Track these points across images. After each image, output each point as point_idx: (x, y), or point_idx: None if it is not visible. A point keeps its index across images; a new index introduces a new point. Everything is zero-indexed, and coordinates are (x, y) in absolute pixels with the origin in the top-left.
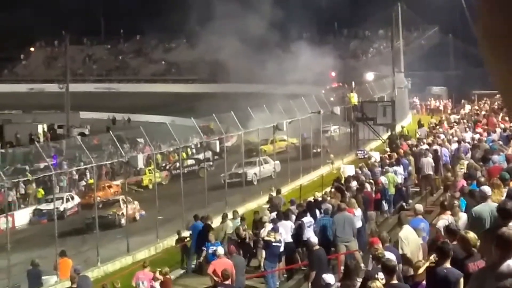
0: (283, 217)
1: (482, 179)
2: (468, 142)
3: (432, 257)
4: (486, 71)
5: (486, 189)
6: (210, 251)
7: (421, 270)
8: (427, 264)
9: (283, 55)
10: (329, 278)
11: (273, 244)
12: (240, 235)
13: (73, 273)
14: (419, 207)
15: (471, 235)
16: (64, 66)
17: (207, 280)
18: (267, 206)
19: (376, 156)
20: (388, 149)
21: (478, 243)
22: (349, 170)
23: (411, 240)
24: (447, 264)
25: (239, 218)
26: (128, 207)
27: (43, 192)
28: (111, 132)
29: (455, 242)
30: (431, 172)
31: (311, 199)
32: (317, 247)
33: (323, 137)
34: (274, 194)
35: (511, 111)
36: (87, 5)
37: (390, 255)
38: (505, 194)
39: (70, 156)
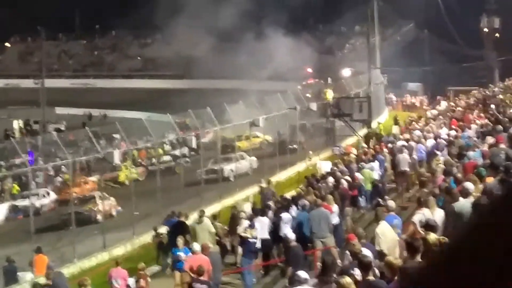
0: (260, 213)
1: (459, 175)
2: (444, 139)
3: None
4: (462, 67)
5: (469, 185)
6: (177, 257)
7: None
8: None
9: (259, 51)
10: (303, 274)
11: (250, 240)
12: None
13: (48, 269)
14: (392, 203)
15: (431, 236)
16: (40, 61)
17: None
18: (254, 197)
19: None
20: (365, 146)
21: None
22: (325, 166)
23: (388, 236)
24: (418, 258)
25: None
26: (104, 203)
27: (18, 188)
28: (87, 128)
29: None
30: (407, 168)
31: (288, 195)
32: (294, 243)
33: (299, 133)
34: (264, 185)
35: None
36: (62, 0)
37: (366, 251)
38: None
39: (46, 152)
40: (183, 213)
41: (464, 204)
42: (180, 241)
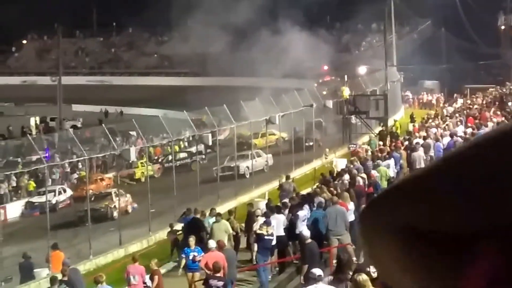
0: (276, 211)
1: None
2: (460, 136)
3: None
4: (478, 65)
5: None
6: (191, 257)
7: None
8: None
9: (275, 48)
10: (317, 271)
11: (265, 237)
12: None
13: (64, 265)
14: None
15: None
16: (57, 58)
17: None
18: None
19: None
20: (381, 143)
21: None
22: (341, 164)
23: None
24: None
25: (214, 217)
26: (120, 200)
27: (34, 185)
28: (103, 125)
29: None
30: (422, 166)
31: (304, 192)
32: (309, 240)
33: (315, 130)
34: (284, 180)
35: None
36: None
37: None
38: None
39: (62, 149)
40: (199, 210)
41: None
42: (192, 241)
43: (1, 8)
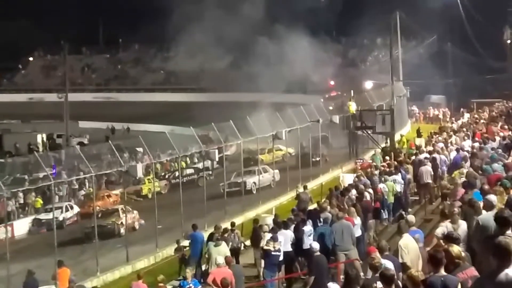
0: (283, 226)
1: (486, 187)
2: (467, 151)
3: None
4: (484, 79)
5: (492, 197)
6: None
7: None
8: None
9: (281, 63)
10: (333, 286)
11: (272, 253)
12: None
13: (70, 283)
14: (412, 218)
15: (454, 248)
16: (63, 75)
17: None
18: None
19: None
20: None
21: (463, 254)
22: (348, 179)
23: (411, 248)
24: (442, 272)
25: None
26: (127, 217)
27: (41, 202)
28: (110, 141)
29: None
30: (429, 181)
31: (311, 208)
32: (318, 253)
33: (322, 146)
34: (301, 189)
35: None
36: (85, 14)
37: (389, 264)
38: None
39: (69, 166)
40: (218, 226)
41: (489, 217)
42: (188, 273)
43: (8, 25)
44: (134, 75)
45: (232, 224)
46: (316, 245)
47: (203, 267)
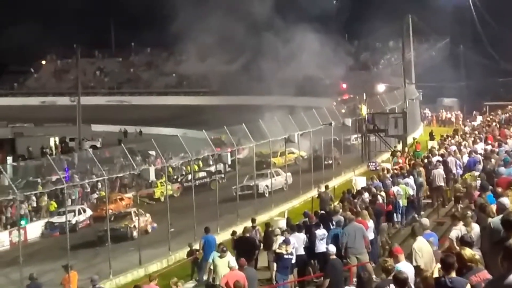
0: (296, 229)
1: (499, 190)
2: (480, 154)
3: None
4: (497, 82)
5: (505, 201)
6: None
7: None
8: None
9: (293, 66)
10: None
11: (285, 256)
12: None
13: (92, 282)
14: (426, 221)
15: (467, 251)
16: (76, 79)
17: None
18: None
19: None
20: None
21: (477, 257)
22: (360, 182)
23: (425, 251)
24: (453, 275)
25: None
26: (140, 220)
27: (55, 205)
28: (122, 144)
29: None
30: (442, 184)
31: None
32: (334, 256)
33: (334, 149)
34: (322, 189)
35: None
36: (97, 18)
37: (406, 267)
38: None
39: (82, 169)
40: (254, 219)
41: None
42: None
43: (20, 29)
44: (147, 79)
45: (253, 220)
46: (332, 248)
47: (205, 277)
